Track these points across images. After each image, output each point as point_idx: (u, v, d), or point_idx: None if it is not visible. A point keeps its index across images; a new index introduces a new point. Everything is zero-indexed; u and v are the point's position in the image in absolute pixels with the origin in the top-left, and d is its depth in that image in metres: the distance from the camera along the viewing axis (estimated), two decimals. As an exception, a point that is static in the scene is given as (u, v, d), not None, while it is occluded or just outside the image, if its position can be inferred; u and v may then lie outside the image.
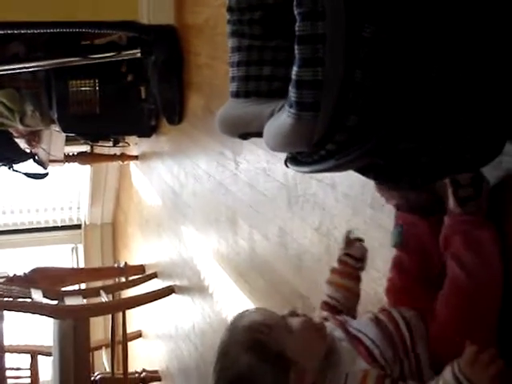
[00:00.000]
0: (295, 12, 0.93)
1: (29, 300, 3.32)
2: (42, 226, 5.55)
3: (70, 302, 3.45)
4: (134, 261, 4.52)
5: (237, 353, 1.07)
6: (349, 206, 1.70)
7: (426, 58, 0.95)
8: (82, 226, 5.62)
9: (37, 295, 3.35)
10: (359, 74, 0.92)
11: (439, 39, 0.96)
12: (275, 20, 1.34)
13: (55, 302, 3.43)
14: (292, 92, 0.95)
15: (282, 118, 1.02)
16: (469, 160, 1.09)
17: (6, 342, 3.97)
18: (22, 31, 2.91)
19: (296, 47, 0.93)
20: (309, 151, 1.02)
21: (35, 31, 2.94)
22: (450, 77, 0.98)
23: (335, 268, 1.33)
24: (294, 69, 0.94)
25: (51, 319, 3.36)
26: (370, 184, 1.59)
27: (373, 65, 0.92)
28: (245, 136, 1.31)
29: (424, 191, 1.29)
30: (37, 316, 3.29)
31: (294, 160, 1.12)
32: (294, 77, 0.94)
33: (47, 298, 3.39)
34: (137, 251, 4.68)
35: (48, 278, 3.73)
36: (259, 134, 1.14)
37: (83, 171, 5.18)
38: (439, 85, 0.97)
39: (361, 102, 0.93)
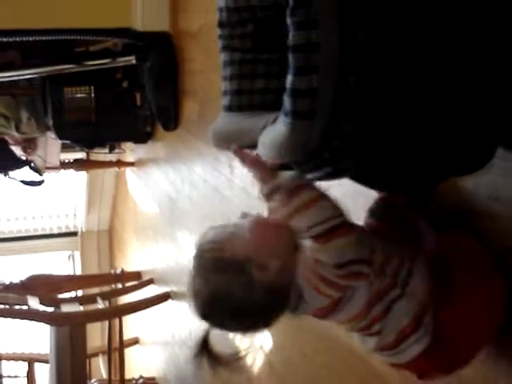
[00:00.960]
0: (288, 22, 0.93)
1: (25, 307, 3.32)
2: (39, 233, 5.55)
3: (66, 308, 3.45)
4: (130, 267, 4.52)
5: (200, 278, 1.11)
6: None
7: (420, 65, 0.96)
8: (79, 233, 5.62)
9: (33, 302, 3.35)
10: (353, 81, 0.92)
11: (433, 48, 0.96)
12: (266, 33, 1.35)
13: (52, 309, 3.43)
14: (287, 101, 0.95)
15: (277, 128, 1.02)
16: (464, 165, 1.10)
17: (3, 350, 3.97)
18: (18, 39, 2.92)
19: (290, 56, 0.94)
20: (305, 160, 1.01)
21: (30, 39, 2.94)
22: (443, 84, 0.98)
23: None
24: (289, 78, 0.95)
25: (48, 326, 3.36)
26: (363, 189, 1.59)
27: (367, 71, 0.93)
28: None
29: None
30: (33, 323, 3.29)
31: (288, 169, 1.12)
32: (288, 86, 0.95)
33: (44, 304, 3.39)
34: (133, 258, 4.68)
35: (44, 285, 3.73)
36: (253, 147, 1.14)
37: (79, 178, 5.18)
38: (433, 91, 0.98)
39: (355, 108, 0.94)
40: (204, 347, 1.13)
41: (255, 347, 2.36)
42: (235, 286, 1.07)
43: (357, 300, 1.09)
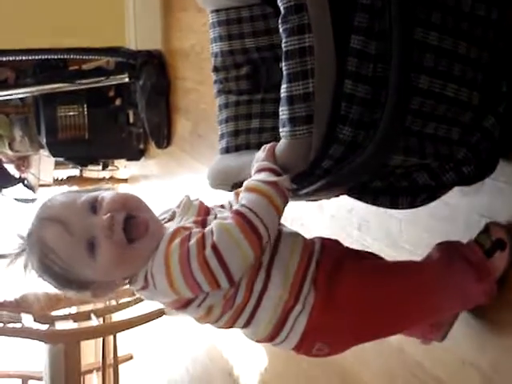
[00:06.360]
0: (281, 30, 0.94)
1: (19, 325, 3.32)
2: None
3: (60, 326, 3.45)
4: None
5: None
6: (335, 228, 1.73)
7: (417, 67, 0.95)
8: (72, 249, 5.61)
9: (27, 320, 3.35)
10: (350, 85, 0.92)
11: (430, 49, 0.96)
12: (261, 74, 1.37)
13: (46, 327, 3.42)
14: (283, 110, 0.95)
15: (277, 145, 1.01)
16: (467, 174, 1.09)
17: (-3, 368, 3.96)
18: (11, 58, 2.94)
19: (284, 64, 0.94)
20: (306, 171, 0.99)
21: (23, 58, 2.96)
22: (440, 87, 0.98)
23: None
24: (284, 86, 0.94)
25: (42, 344, 3.36)
26: (356, 206, 1.62)
27: (363, 75, 0.92)
28: (238, 186, 1.27)
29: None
30: (27, 341, 3.29)
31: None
32: (284, 94, 0.94)
33: (38, 322, 3.39)
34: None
35: (38, 303, 3.72)
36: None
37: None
38: (431, 95, 0.97)
39: (353, 113, 0.93)
40: None
41: (250, 366, 2.37)
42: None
43: (206, 304, 1.04)
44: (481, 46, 1.01)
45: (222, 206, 1.14)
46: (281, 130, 0.97)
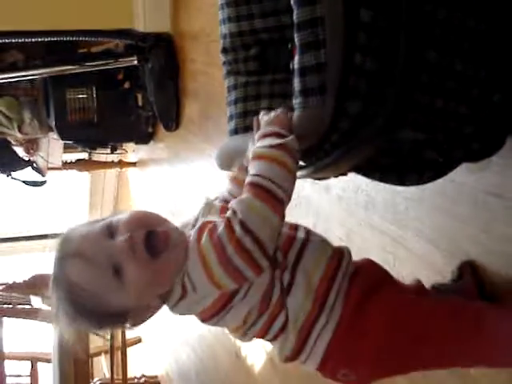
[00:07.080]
0: (292, 1, 0.93)
1: (28, 307, 3.34)
2: (41, 233, 5.57)
3: (69, 308, 3.47)
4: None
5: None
6: (342, 207, 1.73)
7: (425, 42, 0.94)
8: (81, 233, 5.62)
9: (36, 302, 3.37)
10: (359, 58, 0.92)
11: (439, 23, 0.95)
12: (270, 54, 1.36)
13: (55, 309, 3.44)
14: (296, 82, 0.95)
15: None
16: (475, 151, 1.09)
17: (6, 349, 3.99)
18: (20, 40, 2.94)
19: (296, 35, 0.93)
20: (315, 144, 0.99)
21: (32, 40, 2.97)
22: (448, 62, 0.98)
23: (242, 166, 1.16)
24: (296, 58, 0.94)
25: (51, 326, 3.38)
26: (363, 186, 1.62)
27: (372, 49, 0.92)
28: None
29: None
30: (36, 323, 3.31)
31: None
32: (296, 66, 0.94)
33: (47, 304, 3.41)
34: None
35: (47, 285, 3.74)
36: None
37: (81, 178, 5.20)
38: (439, 70, 0.97)
39: (362, 86, 0.93)
40: None
41: (257, 347, 2.38)
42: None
43: (250, 298, 1.01)
44: (490, 21, 1.01)
45: None
46: (294, 102, 0.97)
